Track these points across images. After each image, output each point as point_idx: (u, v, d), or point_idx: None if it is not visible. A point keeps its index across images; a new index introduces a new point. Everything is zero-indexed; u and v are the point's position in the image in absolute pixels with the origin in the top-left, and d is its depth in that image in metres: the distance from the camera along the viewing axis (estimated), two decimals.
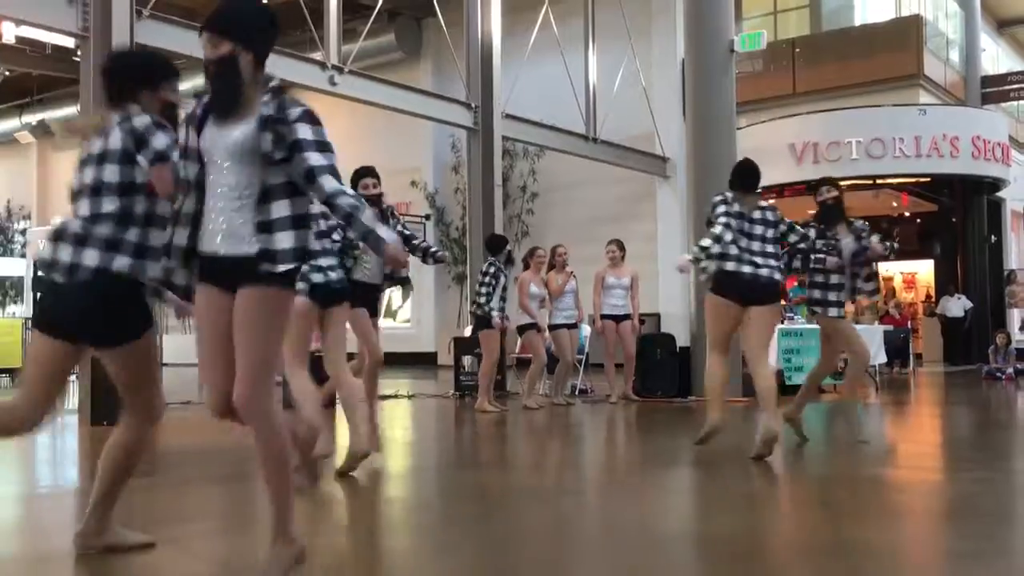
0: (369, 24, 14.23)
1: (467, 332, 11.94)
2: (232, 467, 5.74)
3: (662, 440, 7.16)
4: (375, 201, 5.83)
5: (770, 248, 5.81)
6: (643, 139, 18.25)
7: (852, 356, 6.57)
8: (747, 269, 5.67)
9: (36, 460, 6.34)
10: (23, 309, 20.34)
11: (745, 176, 5.95)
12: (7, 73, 22.49)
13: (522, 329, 9.75)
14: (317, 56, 12.55)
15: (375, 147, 21.66)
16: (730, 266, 5.67)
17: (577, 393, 10.85)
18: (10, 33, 19.28)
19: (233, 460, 6.10)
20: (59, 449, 7.02)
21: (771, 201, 6.61)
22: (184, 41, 10.90)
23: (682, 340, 10.83)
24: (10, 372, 13.55)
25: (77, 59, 10.55)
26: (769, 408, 5.54)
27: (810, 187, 6.82)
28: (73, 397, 9.58)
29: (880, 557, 3.30)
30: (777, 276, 5.80)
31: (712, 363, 5.85)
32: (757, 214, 5.82)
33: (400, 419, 8.75)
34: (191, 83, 23.67)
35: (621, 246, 10.13)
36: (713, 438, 5.82)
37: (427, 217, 21.01)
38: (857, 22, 20.25)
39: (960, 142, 17.06)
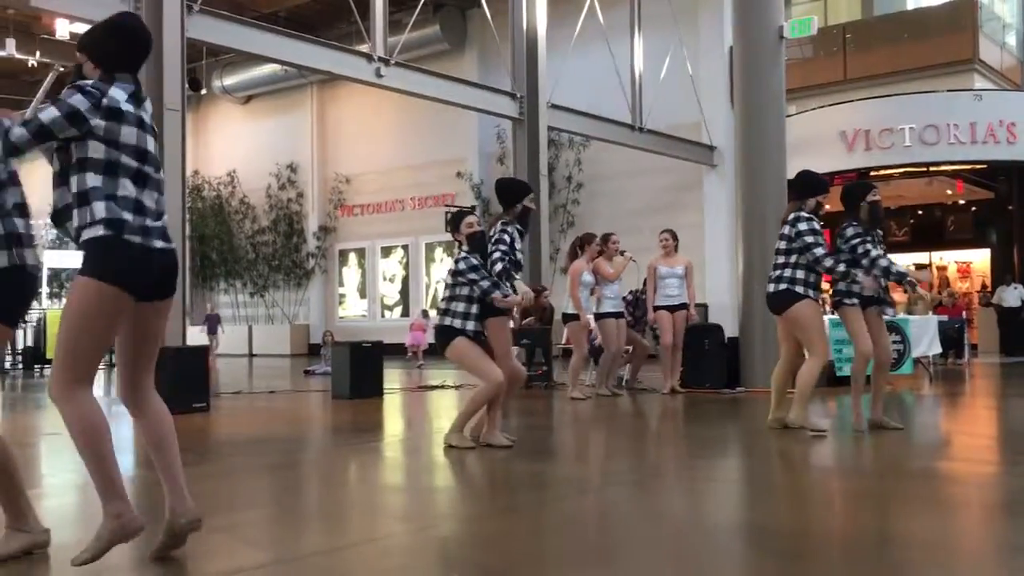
0: (415, 16, 14.29)
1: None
2: (282, 455, 5.83)
3: (710, 431, 7.11)
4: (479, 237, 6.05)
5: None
6: (690, 128, 18.10)
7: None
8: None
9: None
10: None
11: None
12: (61, 69, 22.91)
13: (566, 318, 9.68)
14: (363, 48, 12.63)
15: (421, 138, 21.79)
16: None
17: (624, 384, 10.81)
18: (64, 29, 19.72)
19: (283, 448, 6.18)
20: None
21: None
22: (234, 36, 11.07)
23: (730, 331, 10.72)
24: None
25: None
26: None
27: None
28: None
29: (933, 549, 3.25)
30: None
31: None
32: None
33: (447, 409, 8.80)
34: (237, 78, 24.12)
35: (674, 235, 10.01)
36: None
37: (473, 208, 21.02)
38: (910, 6, 19.85)
39: (1017, 128, 16.68)
